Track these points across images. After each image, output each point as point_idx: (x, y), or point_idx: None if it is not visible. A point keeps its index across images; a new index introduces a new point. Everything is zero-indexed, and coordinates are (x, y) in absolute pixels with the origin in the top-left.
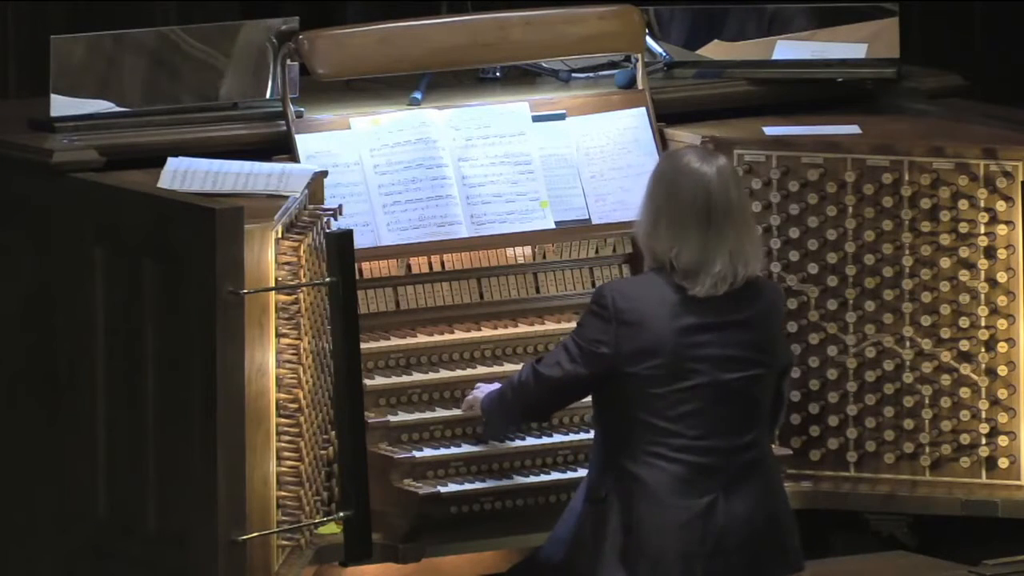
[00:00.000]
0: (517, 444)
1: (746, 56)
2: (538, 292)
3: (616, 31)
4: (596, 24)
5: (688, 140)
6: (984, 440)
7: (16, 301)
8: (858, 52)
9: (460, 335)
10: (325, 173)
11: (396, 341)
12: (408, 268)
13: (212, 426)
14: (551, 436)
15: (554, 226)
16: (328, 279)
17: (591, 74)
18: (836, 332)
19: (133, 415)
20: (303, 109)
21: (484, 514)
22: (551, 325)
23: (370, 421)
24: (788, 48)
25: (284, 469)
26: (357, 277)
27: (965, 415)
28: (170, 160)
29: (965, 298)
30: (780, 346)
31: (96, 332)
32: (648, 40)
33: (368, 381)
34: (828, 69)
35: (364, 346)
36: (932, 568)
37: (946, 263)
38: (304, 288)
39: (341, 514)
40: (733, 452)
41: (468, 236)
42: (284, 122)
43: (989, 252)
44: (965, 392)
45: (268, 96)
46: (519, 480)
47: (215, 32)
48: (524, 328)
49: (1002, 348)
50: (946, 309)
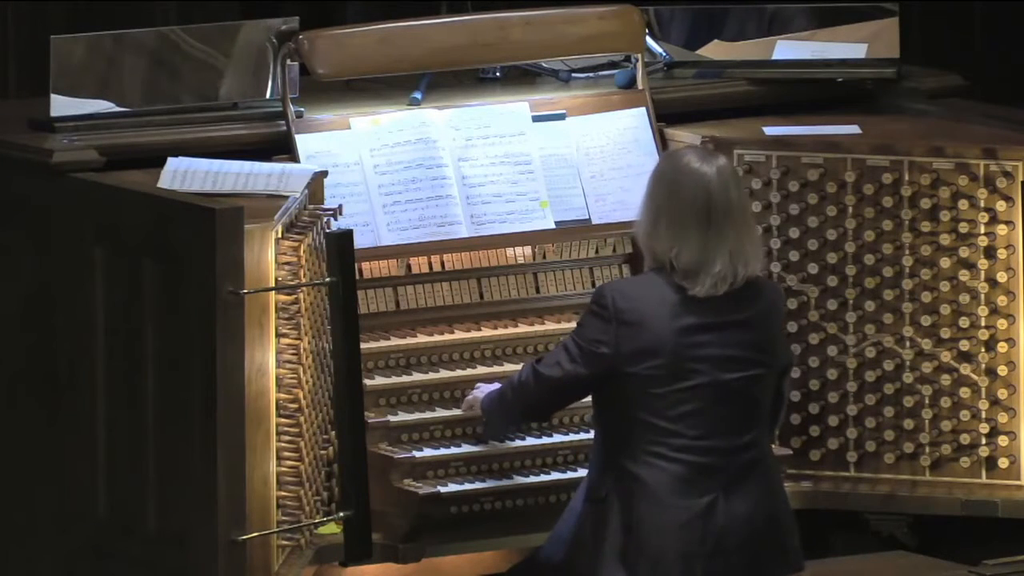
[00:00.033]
0: (517, 444)
1: (746, 56)
2: (538, 292)
3: (616, 31)
4: (596, 24)
5: (688, 140)
6: (984, 440)
7: (16, 301)
8: (858, 52)
9: (460, 335)
10: (325, 173)
11: (396, 341)
12: (408, 268)
13: (212, 426)
14: (551, 436)
15: (554, 226)
16: (328, 279)
17: (591, 74)
18: (836, 332)
19: (133, 415)
20: (303, 109)
21: (484, 514)
22: (551, 325)
23: (370, 421)
24: (788, 48)
25: (284, 469)
26: (357, 277)
27: (965, 415)
28: (170, 160)
29: (965, 298)
30: (780, 346)
31: (96, 332)
32: (648, 40)
33: (368, 381)
34: (828, 69)
35: (364, 346)
36: (932, 568)
37: (946, 263)
38: (304, 288)
39: (341, 514)
40: (733, 452)
41: (468, 236)
42: (284, 122)
43: (989, 252)
44: (965, 392)
45: (268, 96)
46: (519, 480)
47: (215, 32)
48: (524, 328)
49: (1002, 348)
50: (946, 309)
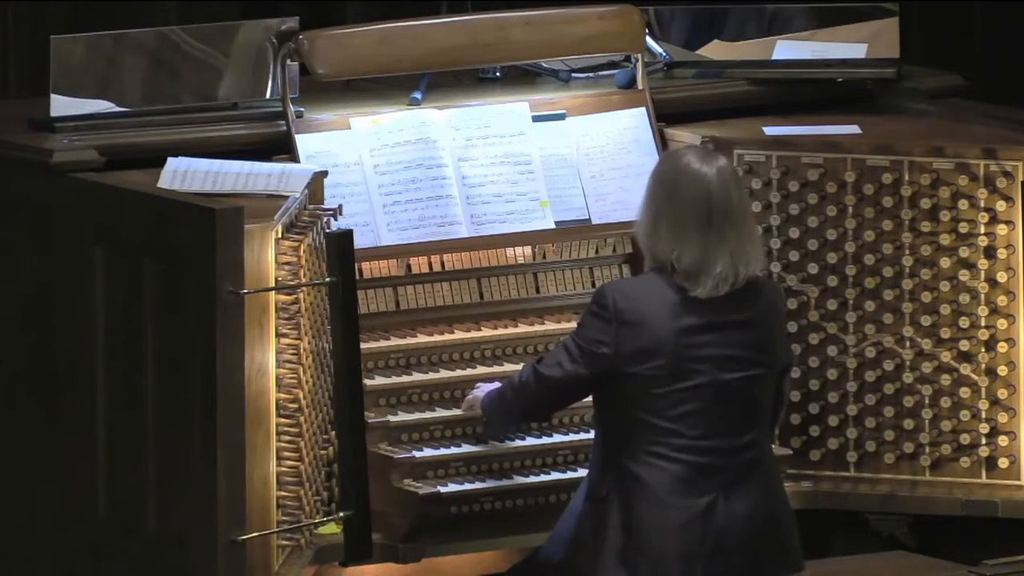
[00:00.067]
0: (517, 444)
1: (746, 56)
2: (538, 292)
3: (616, 31)
4: (596, 24)
5: (688, 140)
6: (984, 440)
7: (16, 301)
8: (858, 52)
9: (460, 335)
10: (325, 173)
11: (396, 341)
12: (408, 268)
13: (212, 426)
14: (551, 436)
15: (554, 226)
16: (328, 279)
17: (591, 74)
18: (836, 332)
19: (133, 415)
20: (303, 109)
21: (484, 514)
22: (551, 325)
23: (370, 421)
24: (788, 48)
25: (284, 469)
26: (357, 277)
27: (965, 415)
28: (170, 160)
29: (965, 298)
30: (780, 346)
31: (96, 332)
32: (648, 40)
33: (368, 381)
34: (828, 69)
35: (364, 346)
36: (932, 568)
37: (946, 263)
38: (304, 288)
39: (341, 514)
40: (733, 452)
41: (468, 236)
42: (284, 122)
43: (989, 252)
44: (965, 392)
45: (268, 96)
46: (519, 480)
47: (215, 32)
48: (524, 328)
49: (1002, 348)
50: (946, 309)
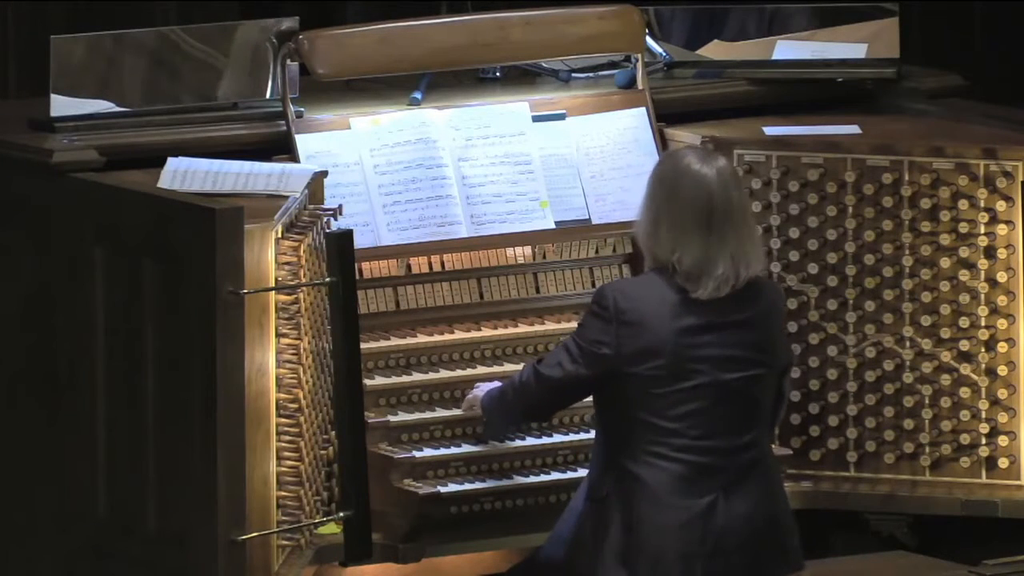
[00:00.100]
0: (517, 444)
1: (746, 56)
2: (538, 292)
3: (616, 31)
4: (596, 24)
5: (688, 140)
6: (984, 440)
7: (16, 301)
8: (858, 52)
9: (460, 335)
10: (325, 173)
11: (396, 341)
12: (408, 268)
13: (212, 426)
14: (551, 436)
15: (554, 226)
16: (328, 279)
17: (591, 74)
18: (836, 332)
19: (133, 415)
20: (303, 109)
21: (484, 514)
22: (551, 325)
23: (370, 421)
24: (788, 48)
25: (284, 469)
26: (357, 277)
27: (965, 415)
28: (170, 160)
29: (965, 298)
30: (780, 346)
31: (96, 332)
32: (648, 40)
33: (368, 381)
34: (828, 69)
35: (364, 346)
36: (932, 568)
37: (946, 263)
38: (304, 288)
39: (341, 514)
40: (733, 452)
41: (468, 236)
42: (284, 122)
43: (989, 252)
44: (965, 392)
45: (268, 96)
46: (519, 480)
47: (215, 32)
48: (524, 328)
49: (1002, 348)
50: (946, 309)
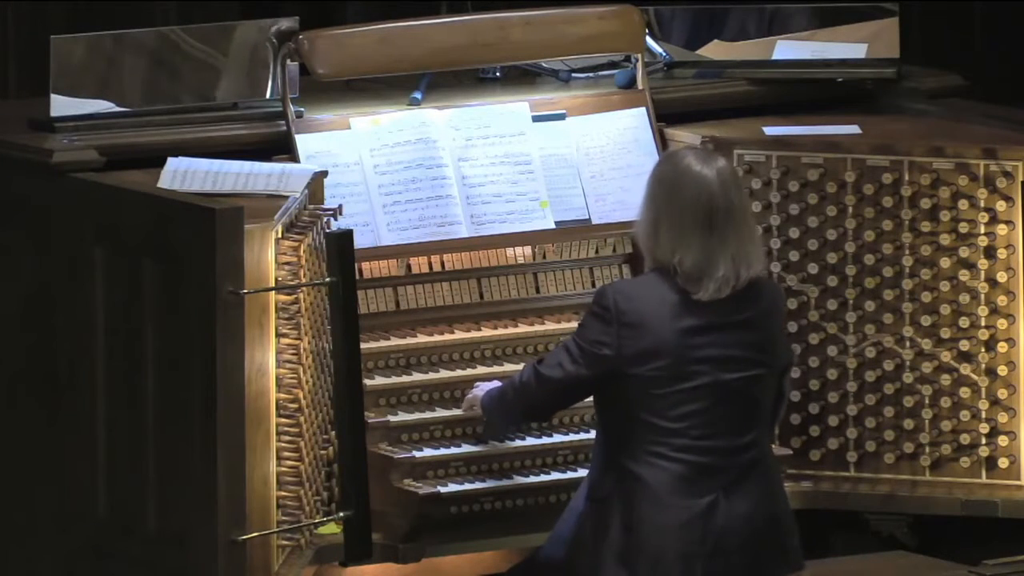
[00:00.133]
0: (517, 444)
1: (746, 56)
2: (538, 292)
3: (616, 31)
4: (596, 24)
5: (688, 140)
6: (984, 440)
7: (16, 301)
8: (858, 52)
9: (460, 335)
10: (325, 173)
11: (396, 341)
12: (408, 268)
13: (212, 426)
14: (551, 436)
15: (554, 226)
16: (328, 279)
17: (591, 74)
18: (836, 332)
19: (133, 415)
20: (303, 109)
21: (484, 514)
22: (551, 325)
23: (370, 421)
24: (788, 48)
25: (284, 469)
26: (357, 277)
27: (965, 415)
28: (170, 160)
29: (965, 298)
30: (781, 346)
31: (96, 332)
32: (648, 40)
33: (368, 381)
34: (828, 69)
35: (364, 346)
36: (932, 568)
37: (946, 263)
38: (304, 288)
39: (341, 514)
40: (734, 452)
41: (468, 236)
42: (284, 122)
43: (989, 252)
44: (965, 392)
45: (268, 96)
46: (519, 480)
47: (215, 32)
48: (524, 328)
49: (1002, 348)
50: (946, 309)
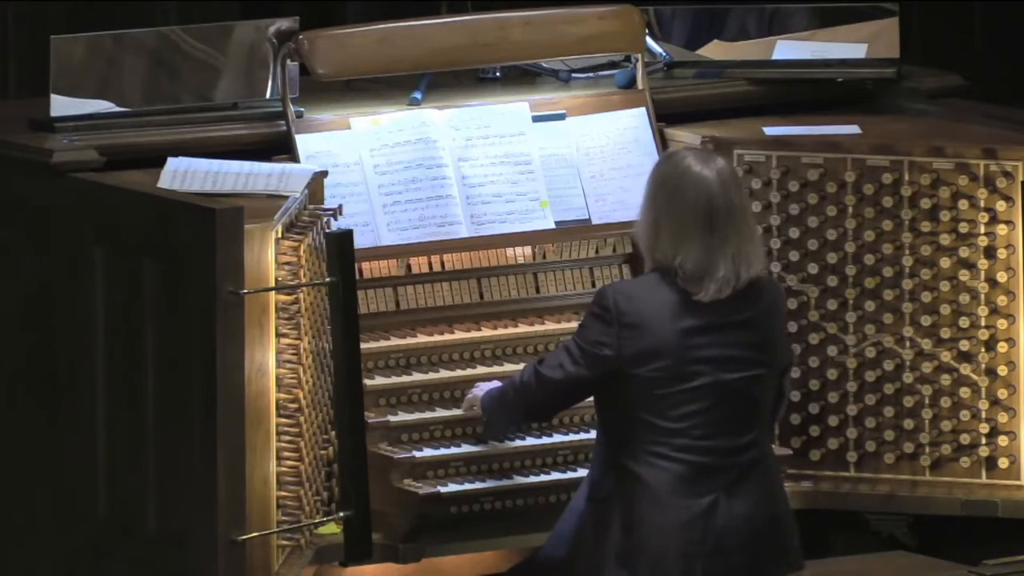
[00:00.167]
0: (517, 444)
1: (746, 56)
2: (538, 292)
3: (616, 31)
4: (596, 24)
5: (688, 140)
6: (984, 440)
7: (16, 301)
8: (858, 52)
9: (460, 335)
10: (325, 173)
11: (396, 341)
12: (408, 268)
13: (212, 426)
14: (551, 436)
15: (554, 226)
16: (328, 279)
17: (591, 74)
18: (836, 332)
19: (133, 415)
20: (303, 109)
21: (484, 514)
22: (551, 325)
23: (370, 421)
24: (788, 48)
25: (284, 469)
26: (357, 277)
27: (965, 415)
28: (170, 160)
29: (965, 298)
30: (781, 346)
31: (96, 332)
32: (648, 40)
33: (368, 381)
34: (828, 69)
35: (364, 346)
36: (932, 568)
37: (946, 263)
38: (304, 288)
39: (341, 514)
40: (734, 452)
41: (468, 236)
42: (284, 122)
43: (989, 252)
44: (965, 392)
45: (268, 96)
46: (519, 480)
47: (215, 32)
48: (524, 328)
49: (1002, 348)
50: (946, 309)
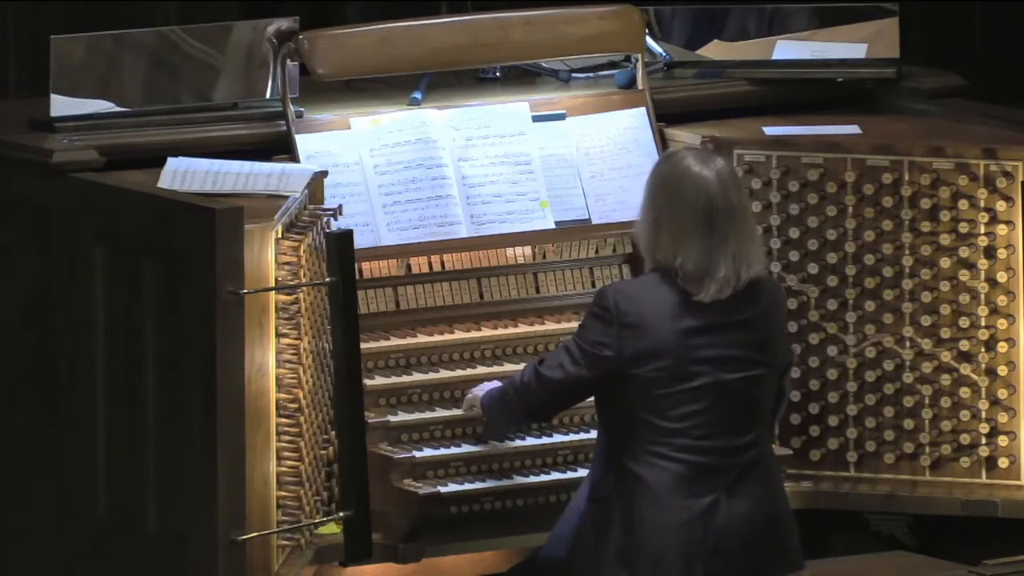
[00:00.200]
0: (517, 444)
1: (746, 56)
2: (538, 292)
3: (616, 31)
4: (596, 24)
5: (688, 140)
6: (984, 440)
7: (16, 301)
8: (858, 52)
9: (460, 335)
10: (325, 173)
11: (396, 341)
12: (408, 268)
13: (212, 426)
14: (551, 436)
15: (554, 226)
16: (328, 279)
17: (591, 74)
18: (836, 332)
19: (133, 415)
20: (303, 109)
21: (484, 514)
22: (551, 325)
23: (370, 421)
24: (788, 48)
25: (284, 469)
26: (357, 277)
27: (965, 415)
28: (170, 160)
29: (965, 298)
30: (781, 346)
31: (96, 332)
32: (648, 40)
33: (368, 381)
34: (828, 69)
35: (364, 346)
36: (932, 568)
37: (946, 263)
38: (304, 288)
39: (341, 514)
40: (734, 452)
41: (468, 236)
42: (284, 122)
43: (989, 252)
44: (965, 392)
45: (268, 96)
46: (519, 480)
47: (215, 32)
48: (524, 328)
49: (1002, 348)
50: (946, 309)
